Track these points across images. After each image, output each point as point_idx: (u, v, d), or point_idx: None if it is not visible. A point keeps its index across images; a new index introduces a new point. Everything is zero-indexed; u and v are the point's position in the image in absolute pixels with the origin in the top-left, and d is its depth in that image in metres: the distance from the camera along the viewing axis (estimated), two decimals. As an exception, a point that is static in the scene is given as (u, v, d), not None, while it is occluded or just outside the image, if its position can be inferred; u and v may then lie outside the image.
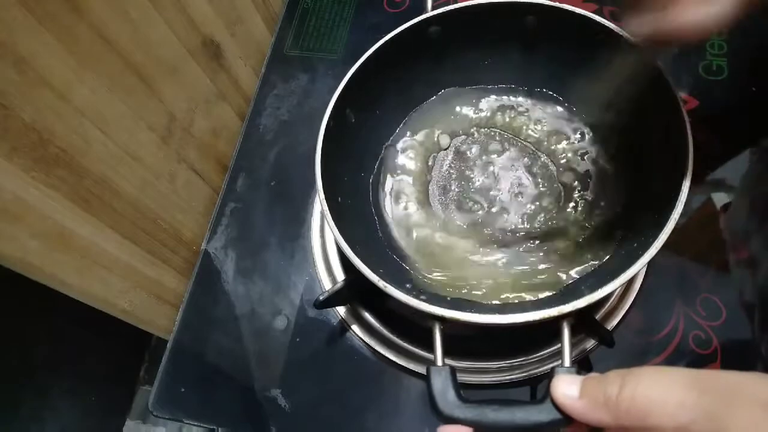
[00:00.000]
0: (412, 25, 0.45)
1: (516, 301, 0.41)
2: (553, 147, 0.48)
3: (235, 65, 0.60)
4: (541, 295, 0.41)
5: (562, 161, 0.48)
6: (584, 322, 0.41)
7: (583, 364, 0.43)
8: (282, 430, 0.45)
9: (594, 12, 0.42)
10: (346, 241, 0.37)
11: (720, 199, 0.47)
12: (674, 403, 0.23)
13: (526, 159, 0.49)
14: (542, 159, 0.48)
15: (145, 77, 0.46)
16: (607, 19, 0.41)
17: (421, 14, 0.45)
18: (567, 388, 0.27)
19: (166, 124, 0.50)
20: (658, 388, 0.23)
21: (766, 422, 0.21)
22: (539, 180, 0.47)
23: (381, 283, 0.35)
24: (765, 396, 0.22)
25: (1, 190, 0.35)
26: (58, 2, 0.37)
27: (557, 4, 0.44)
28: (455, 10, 0.45)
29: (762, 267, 0.43)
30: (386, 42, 0.44)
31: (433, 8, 0.45)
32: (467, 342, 0.42)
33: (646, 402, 0.23)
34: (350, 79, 0.43)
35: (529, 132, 0.50)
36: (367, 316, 0.47)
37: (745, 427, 0.21)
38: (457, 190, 0.48)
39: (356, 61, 0.44)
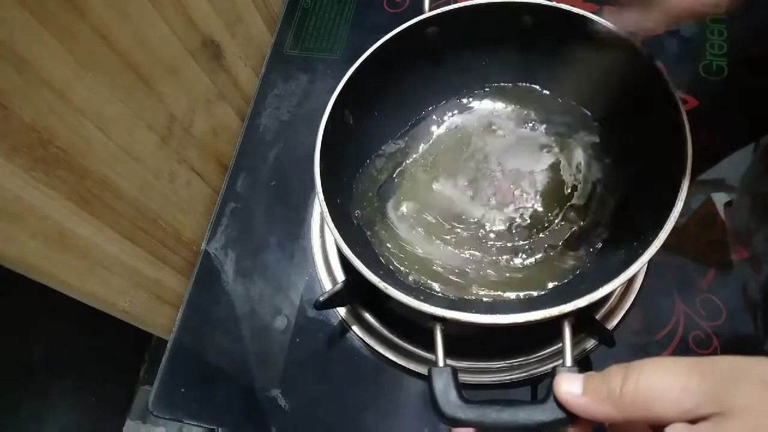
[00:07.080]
0: (410, 25, 0.45)
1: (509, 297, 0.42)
2: (552, 146, 0.48)
3: (235, 65, 0.60)
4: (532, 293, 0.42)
5: (561, 160, 0.48)
6: (585, 321, 0.41)
7: (583, 364, 0.43)
8: (282, 430, 0.45)
9: (594, 12, 0.42)
10: (346, 242, 0.37)
11: (720, 198, 0.47)
12: (678, 389, 0.23)
13: (525, 159, 0.49)
14: (541, 158, 0.48)
15: (145, 77, 0.46)
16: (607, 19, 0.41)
17: (420, 15, 0.45)
18: (570, 385, 0.27)
19: (166, 124, 0.50)
20: (660, 376, 0.24)
21: None
22: (538, 178, 0.47)
23: (381, 284, 0.35)
24: (767, 375, 0.22)
25: (1, 190, 0.35)
26: (58, 2, 0.37)
27: (556, 4, 0.44)
28: (453, 10, 0.45)
29: (765, 266, 0.43)
30: (384, 43, 0.44)
31: (431, 9, 0.45)
32: (468, 342, 0.42)
33: (650, 391, 0.23)
34: (348, 80, 0.43)
35: (529, 131, 0.50)
36: (368, 316, 0.47)
37: (750, 405, 0.21)
38: (456, 191, 0.48)
39: (356, 62, 0.44)
